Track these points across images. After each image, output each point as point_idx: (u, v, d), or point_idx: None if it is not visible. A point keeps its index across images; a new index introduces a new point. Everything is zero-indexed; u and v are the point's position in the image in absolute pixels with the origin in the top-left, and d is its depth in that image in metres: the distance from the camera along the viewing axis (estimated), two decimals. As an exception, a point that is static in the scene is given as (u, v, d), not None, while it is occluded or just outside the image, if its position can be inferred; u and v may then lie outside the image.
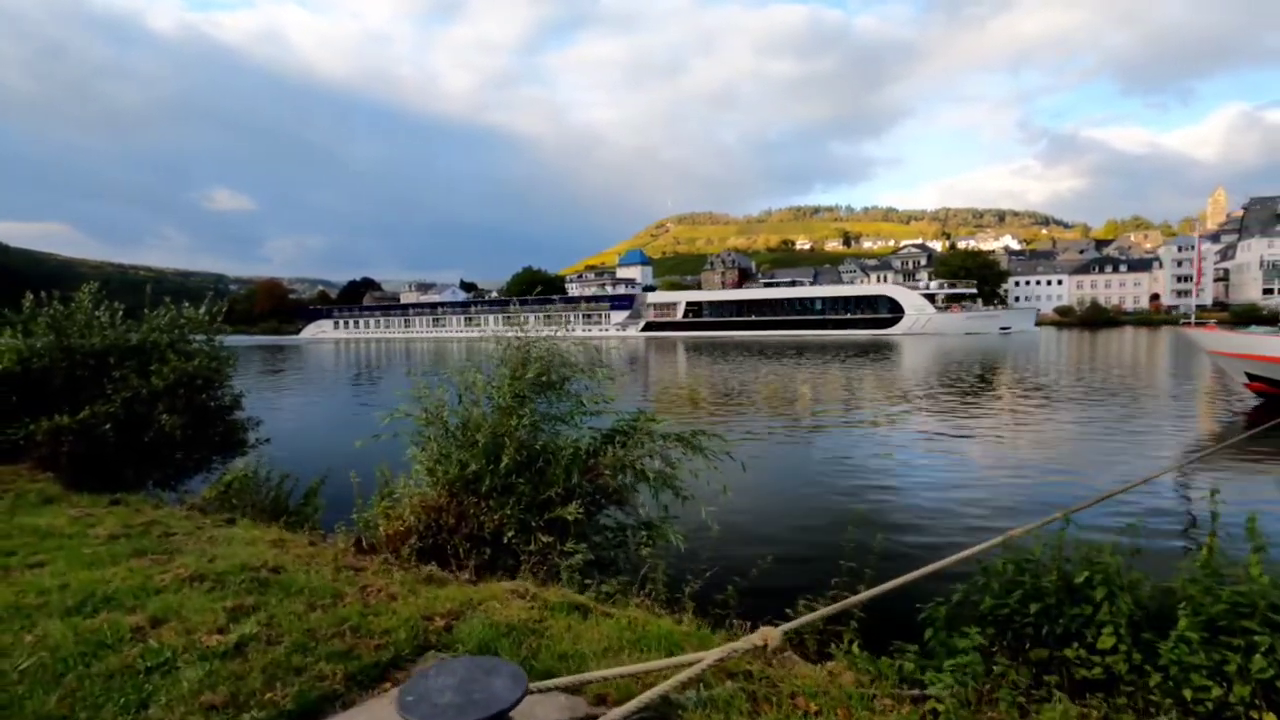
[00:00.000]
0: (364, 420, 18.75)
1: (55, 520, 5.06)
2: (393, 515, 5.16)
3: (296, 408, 23.44)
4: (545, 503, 5.04)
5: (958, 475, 11.22)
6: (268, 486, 7.03)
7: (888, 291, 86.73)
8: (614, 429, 5.78)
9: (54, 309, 8.08)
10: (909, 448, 13.53)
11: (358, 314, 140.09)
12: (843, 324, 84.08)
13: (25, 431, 7.25)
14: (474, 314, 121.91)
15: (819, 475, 11.08)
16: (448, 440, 5.35)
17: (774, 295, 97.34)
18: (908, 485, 10.41)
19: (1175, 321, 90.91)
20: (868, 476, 10.92)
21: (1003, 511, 8.77)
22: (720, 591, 4.48)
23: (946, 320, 79.83)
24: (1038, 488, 10.28)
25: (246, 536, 4.88)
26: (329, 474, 7.52)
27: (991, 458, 12.68)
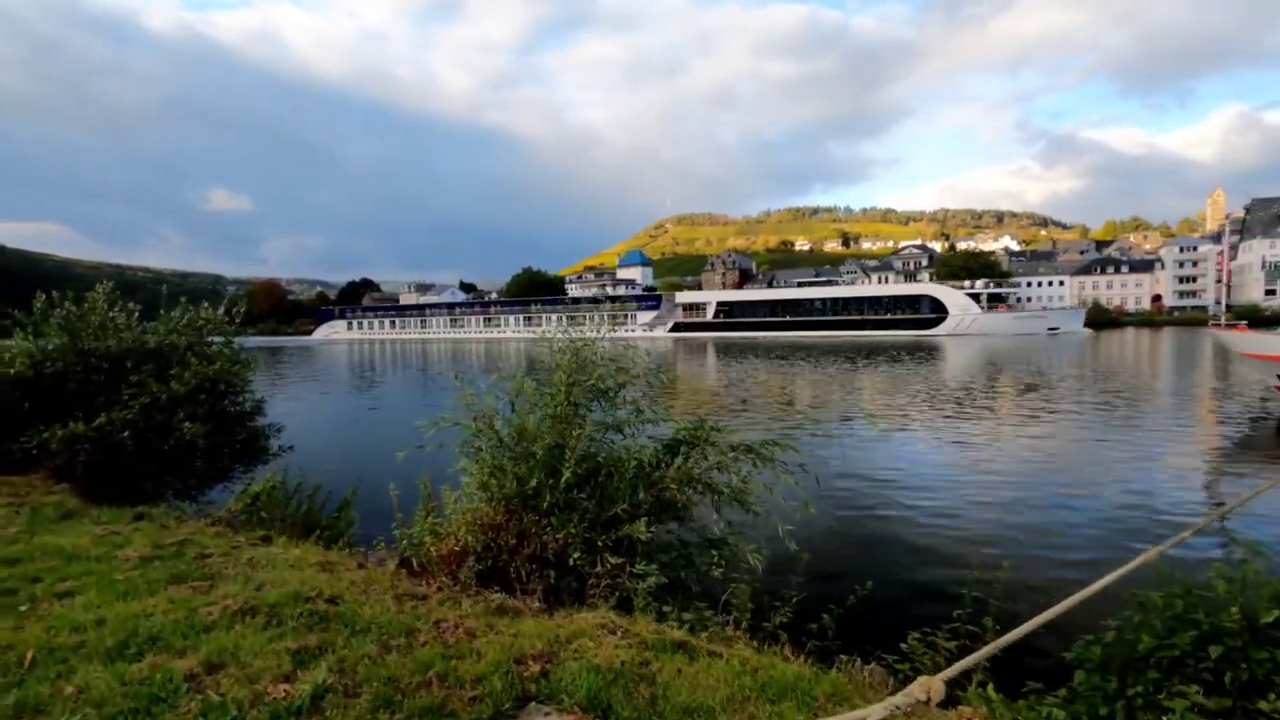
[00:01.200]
0: (388, 425, 18.22)
1: (79, 539, 4.66)
2: (444, 534, 4.77)
3: (311, 411, 22.75)
4: (610, 520, 4.66)
5: (1052, 488, 10.27)
6: (298, 498, 6.63)
7: (930, 291, 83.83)
8: (675, 439, 5.39)
9: (67, 310, 7.68)
10: (994, 459, 12.52)
11: (372, 314, 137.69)
12: (882, 325, 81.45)
13: (39, 440, 6.84)
14: (494, 315, 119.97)
15: (898, 489, 10.28)
16: (501, 452, 4.96)
17: (810, 295, 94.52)
18: (999, 500, 9.59)
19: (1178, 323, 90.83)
20: (952, 492, 10.04)
21: (1116, 531, 8.01)
22: (811, 619, 4.10)
23: (993, 321, 76.98)
24: (1155, 501, 9.45)
25: (288, 558, 4.48)
26: (358, 484, 7.12)
27: (1094, 468, 11.60)
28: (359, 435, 16.81)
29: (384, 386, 31.37)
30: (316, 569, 4.19)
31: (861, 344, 61.46)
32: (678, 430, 5.42)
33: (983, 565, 4.48)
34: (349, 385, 32.19)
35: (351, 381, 34.23)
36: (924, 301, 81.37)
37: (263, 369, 46.23)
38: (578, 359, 5.65)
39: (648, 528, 4.52)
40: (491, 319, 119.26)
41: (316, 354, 67.45)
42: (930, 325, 78.60)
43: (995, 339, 64.94)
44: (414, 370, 41.93)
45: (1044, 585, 6.04)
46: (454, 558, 4.53)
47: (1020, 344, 55.54)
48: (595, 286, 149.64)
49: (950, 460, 12.44)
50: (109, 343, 7.54)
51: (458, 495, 5.18)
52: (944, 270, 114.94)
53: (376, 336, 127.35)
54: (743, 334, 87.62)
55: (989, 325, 75.89)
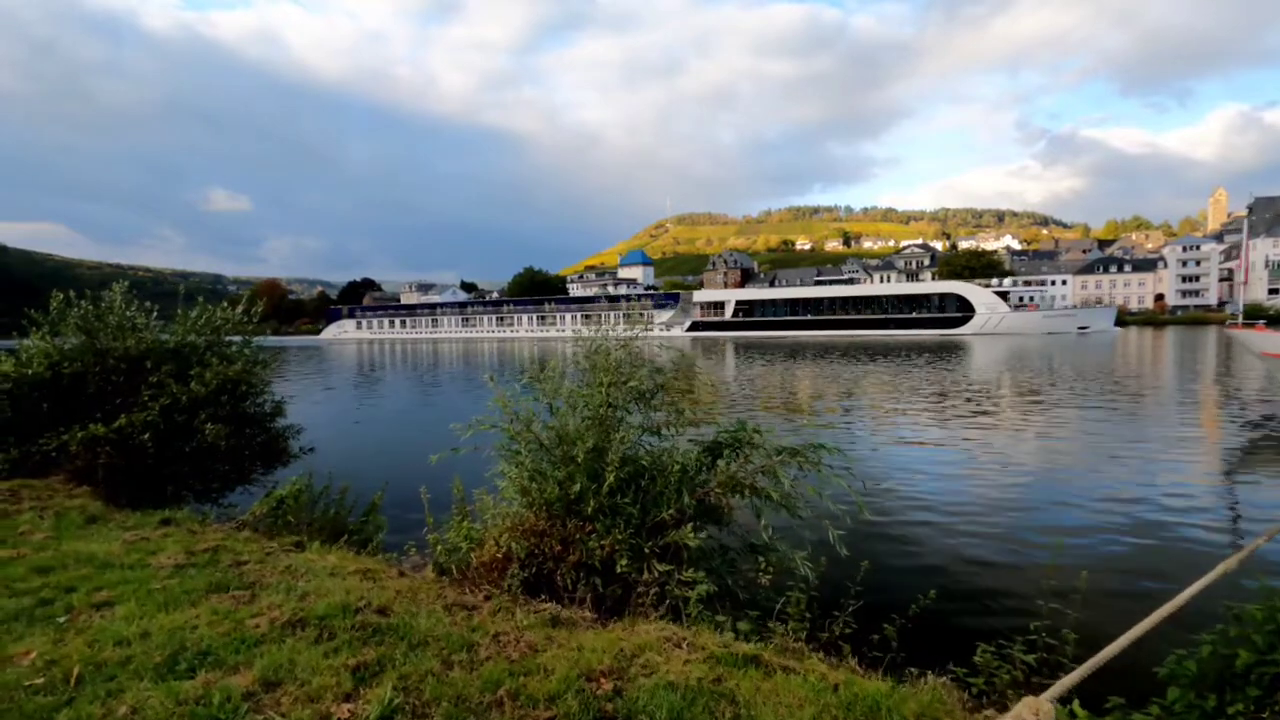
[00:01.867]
0: (407, 426, 17.88)
1: (108, 546, 4.52)
2: (485, 539, 4.63)
3: (327, 411, 21.98)
4: (656, 526, 4.53)
5: (1120, 492, 9.58)
6: (324, 501, 6.49)
7: (956, 289, 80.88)
8: (716, 441, 5.26)
9: (84, 309, 7.55)
10: (1048, 461, 11.95)
11: (382, 314, 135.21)
12: (907, 324, 79.39)
13: (58, 442, 6.71)
14: (506, 314, 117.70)
15: (949, 493, 9.67)
16: (540, 455, 4.82)
17: (832, 294, 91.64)
18: (1065, 504, 9.02)
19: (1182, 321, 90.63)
20: (1010, 497, 9.47)
21: (1194, 538, 7.54)
22: (871, 629, 3.95)
23: (1022, 319, 74.55)
24: (1238, 507, 8.99)
25: (326, 565, 4.35)
26: (383, 487, 6.97)
27: (1169, 474, 10.76)
28: (378, 436, 16.34)
29: (399, 387, 30.76)
30: (358, 577, 4.05)
31: (886, 343, 59.54)
32: (719, 432, 5.29)
33: (1055, 573, 4.21)
34: (364, 386, 31.69)
35: (367, 382, 33.58)
36: (950, 300, 78.92)
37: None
38: (613, 359, 5.53)
39: (696, 535, 4.40)
40: (504, 318, 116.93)
41: (326, 354, 65.79)
42: (956, 324, 76.30)
43: (1024, 338, 62.95)
44: (427, 370, 41.10)
45: (1124, 594, 5.78)
46: (496, 565, 4.39)
47: (1051, 343, 53.46)
48: (597, 286, 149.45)
49: (1001, 463, 11.82)
50: (128, 343, 7.41)
51: (495, 499, 5.04)
52: (946, 269, 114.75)
53: (386, 336, 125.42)
54: (762, 333, 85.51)
55: (1017, 324, 73.79)
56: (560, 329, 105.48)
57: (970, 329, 74.97)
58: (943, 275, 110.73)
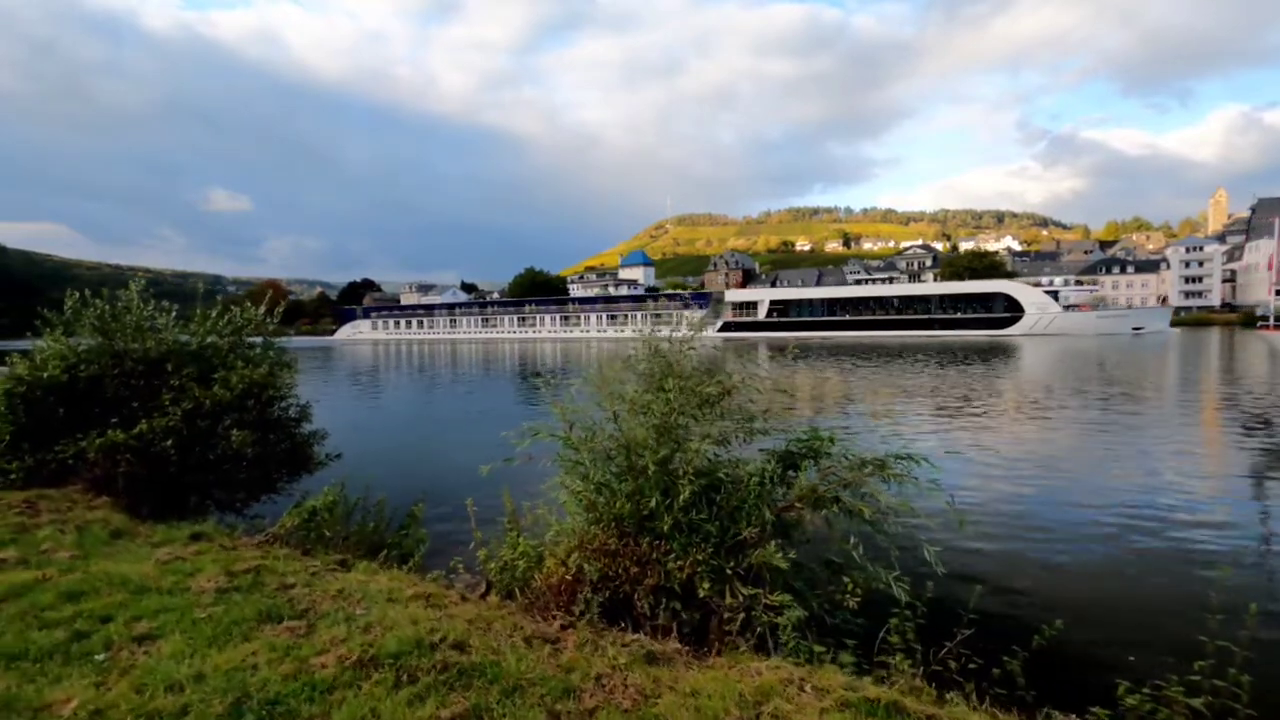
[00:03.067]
0: (434, 431, 17.11)
1: (141, 566, 4.15)
2: (547, 558, 4.27)
3: (350, 415, 20.63)
4: (736, 545, 4.17)
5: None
6: (359, 513, 6.11)
7: (1005, 288, 78.10)
8: (789, 450, 4.89)
9: (101, 308, 7.18)
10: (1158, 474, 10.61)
11: (398, 314, 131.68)
12: (952, 324, 76.46)
13: (76, 449, 6.34)
14: (528, 314, 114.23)
15: (1058, 508, 8.74)
16: (606, 466, 4.46)
17: (874, 293, 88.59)
18: (1192, 521, 8.05)
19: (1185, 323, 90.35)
20: (1138, 510, 8.45)
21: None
22: (989, 661, 3.57)
23: (1075, 320, 71.49)
24: None
25: (380, 588, 3.98)
26: (420, 497, 6.58)
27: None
28: (404, 441, 15.42)
29: (422, 390, 29.82)
30: (420, 603, 3.68)
31: (932, 344, 56.73)
32: (790, 441, 4.93)
33: (1209, 601, 3.56)
34: (385, 388, 30.94)
35: (388, 384, 32.72)
36: (997, 299, 75.98)
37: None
38: (685, 363, 5.19)
39: (782, 554, 4.04)
40: (525, 319, 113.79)
41: (340, 355, 63.46)
42: (1005, 324, 73.21)
43: (1077, 339, 60.23)
44: (448, 372, 39.99)
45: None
46: (565, 588, 4.03)
47: (1108, 345, 50.47)
48: (598, 287, 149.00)
49: (1109, 472, 10.65)
50: (147, 344, 7.04)
51: (551, 512, 4.68)
52: (949, 270, 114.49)
53: (403, 337, 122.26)
54: (799, 334, 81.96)
55: (1069, 324, 70.86)
56: (585, 330, 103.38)
57: (1019, 329, 72.26)
58: (945, 276, 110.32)
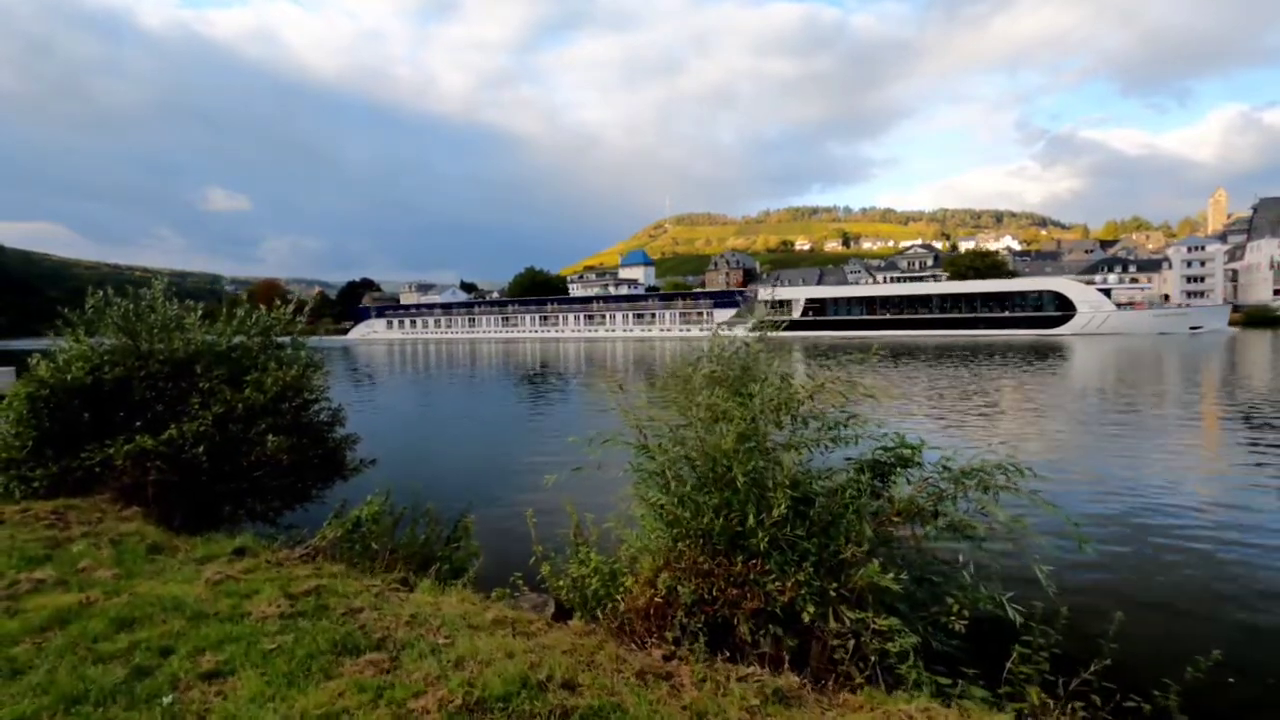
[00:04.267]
0: (467, 434, 16.34)
1: (189, 587, 3.82)
2: (624, 576, 3.94)
3: (376, 418, 19.75)
4: (838, 565, 3.85)
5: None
6: (405, 523, 5.75)
7: (1055, 286, 75.48)
8: (875, 460, 4.57)
9: (125, 307, 6.84)
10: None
11: (415, 313, 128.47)
12: (999, 323, 73.66)
13: (102, 456, 6.00)
14: (550, 313, 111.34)
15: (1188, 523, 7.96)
16: (690, 477, 4.14)
17: (915, 291, 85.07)
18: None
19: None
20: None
21: None
22: (1129, 691, 3.25)
23: (1130, 319, 68.68)
24: None
25: (452, 611, 3.65)
26: (465, 505, 6.25)
27: None
28: (438, 447, 14.80)
29: (449, 391, 28.73)
30: (505, 631, 3.35)
31: (978, 344, 54.37)
32: (875, 449, 4.61)
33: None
34: (409, 390, 30.08)
35: (414, 386, 31.43)
36: (1047, 298, 73.50)
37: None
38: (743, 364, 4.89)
39: (888, 573, 3.71)
40: (548, 318, 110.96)
41: (355, 355, 61.58)
42: (1055, 324, 70.63)
43: (1132, 339, 58.08)
44: (471, 372, 38.46)
45: None
46: (657, 611, 3.70)
47: (1167, 344, 48.44)
48: (598, 286, 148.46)
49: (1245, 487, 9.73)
50: (174, 344, 6.70)
51: (621, 523, 4.36)
52: (951, 270, 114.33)
53: (420, 336, 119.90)
54: (836, 333, 79.13)
55: (1124, 323, 68.12)
56: (609, 329, 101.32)
57: (1070, 329, 69.68)
58: (948, 276, 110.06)
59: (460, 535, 5.59)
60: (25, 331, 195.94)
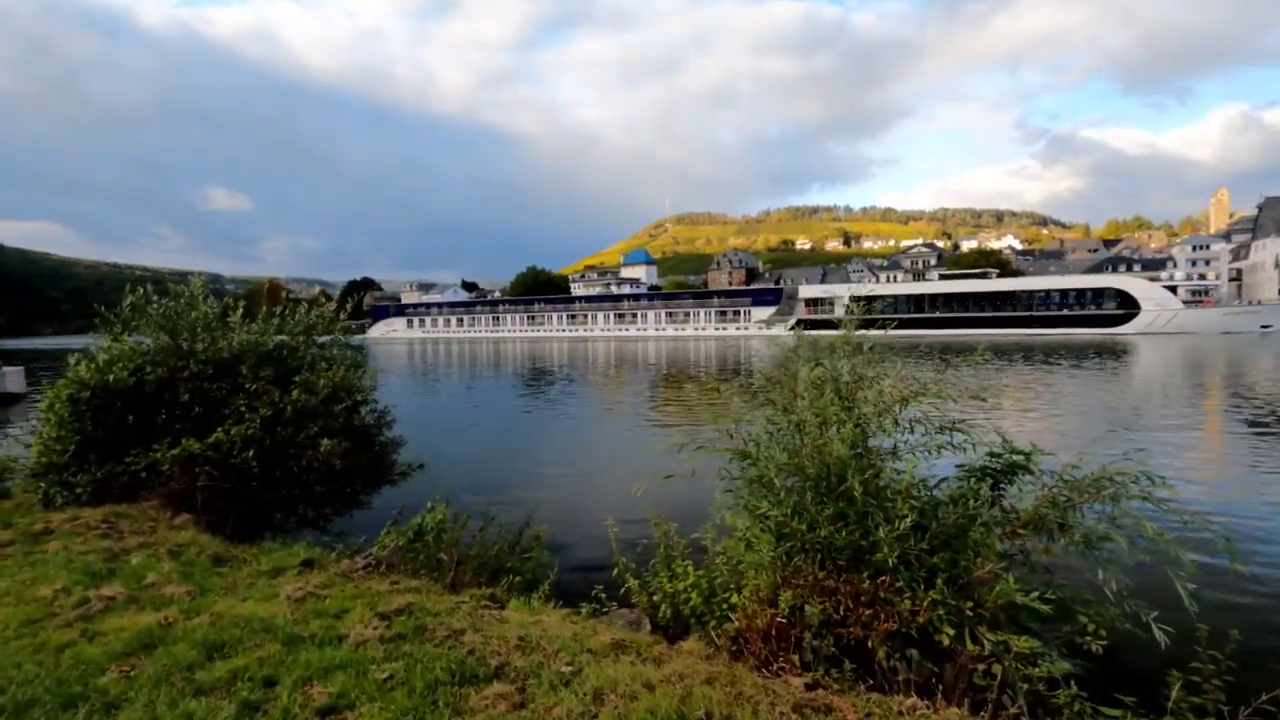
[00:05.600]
0: (510, 437, 15.63)
1: (271, 606, 3.54)
2: (743, 594, 3.66)
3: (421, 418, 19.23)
4: (968, 581, 3.57)
5: None
6: (471, 533, 5.44)
7: (1118, 283, 73.41)
8: (986, 467, 4.29)
9: (165, 305, 6.56)
10: None
11: (436, 312, 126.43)
12: (1057, 321, 71.64)
13: (148, 460, 5.72)
14: (577, 311, 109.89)
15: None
16: (805, 486, 3.86)
17: (966, 288, 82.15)
18: None
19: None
20: None
21: None
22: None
23: (1198, 317, 66.79)
24: None
25: (559, 632, 3.38)
26: (530, 515, 5.93)
27: None
28: (483, 449, 14.17)
29: (478, 391, 27.85)
30: (630, 657, 3.08)
31: (1037, 344, 52.25)
32: (986, 454, 4.33)
33: None
34: (439, 391, 29.07)
35: (443, 387, 30.60)
36: (1109, 295, 71.42)
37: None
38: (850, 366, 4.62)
39: (1025, 591, 3.44)
40: (575, 316, 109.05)
41: (374, 354, 61.58)
42: (1117, 322, 68.41)
43: (1201, 338, 56.32)
44: (500, 372, 37.65)
45: None
46: (779, 632, 3.43)
47: (1237, 344, 46.63)
48: (599, 285, 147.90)
49: None
50: (219, 344, 6.42)
51: (733, 541, 4.08)
52: (955, 269, 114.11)
53: (441, 335, 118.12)
54: (882, 332, 78.69)
55: (1191, 322, 66.21)
56: (641, 328, 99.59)
57: (1134, 328, 67.42)
58: (952, 275, 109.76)
59: (532, 546, 5.30)
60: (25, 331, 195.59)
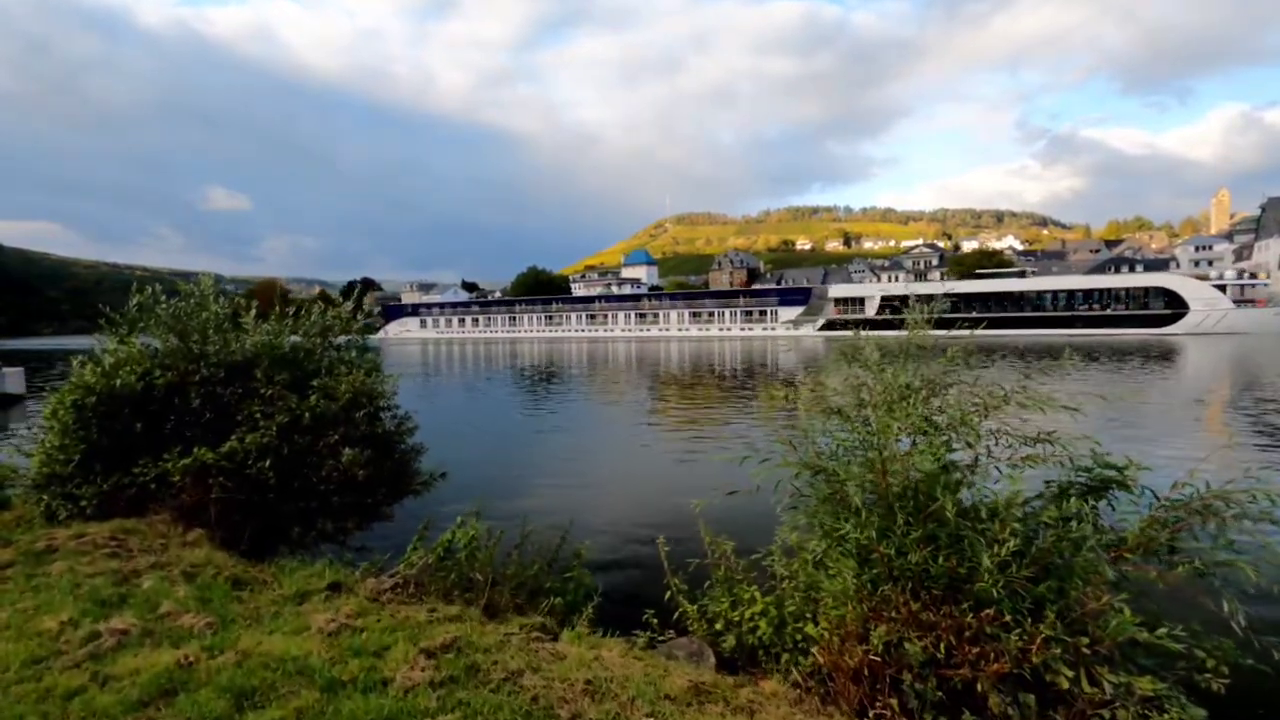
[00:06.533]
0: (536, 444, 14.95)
1: (303, 641, 3.16)
2: (835, 627, 3.29)
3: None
4: (1080, 615, 3.20)
5: None
6: (506, 550, 5.04)
7: (1165, 281, 71.60)
8: (1071, 483, 3.92)
9: (175, 305, 6.18)
10: None
11: (451, 311, 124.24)
12: (1100, 321, 70.20)
13: (157, 471, 5.34)
14: (597, 311, 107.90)
15: None
16: (898, 505, 3.49)
17: (1007, 288, 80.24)
18: None
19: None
20: None
21: None
22: None
23: (1250, 317, 64.74)
24: None
25: (623, 670, 3.00)
26: (567, 531, 5.52)
27: None
28: (497, 459, 13.35)
29: (498, 394, 26.98)
30: (718, 708, 2.70)
31: (1083, 344, 49.91)
32: (1071, 469, 3.95)
33: None
34: (456, 393, 28.24)
35: (460, 389, 29.67)
36: (1155, 295, 70.02)
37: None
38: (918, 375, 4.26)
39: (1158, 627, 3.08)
40: (595, 316, 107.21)
41: (387, 355, 59.16)
42: (1164, 322, 66.96)
43: (1253, 339, 54.77)
44: (522, 374, 36.56)
45: None
46: (874, 670, 3.05)
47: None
48: (600, 285, 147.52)
49: None
50: (231, 346, 6.04)
51: (808, 568, 3.70)
52: (958, 269, 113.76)
53: (456, 335, 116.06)
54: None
55: (1243, 322, 64.39)
56: (663, 328, 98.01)
57: (1182, 328, 66.03)
58: (954, 275, 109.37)
59: (574, 566, 4.91)
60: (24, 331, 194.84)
